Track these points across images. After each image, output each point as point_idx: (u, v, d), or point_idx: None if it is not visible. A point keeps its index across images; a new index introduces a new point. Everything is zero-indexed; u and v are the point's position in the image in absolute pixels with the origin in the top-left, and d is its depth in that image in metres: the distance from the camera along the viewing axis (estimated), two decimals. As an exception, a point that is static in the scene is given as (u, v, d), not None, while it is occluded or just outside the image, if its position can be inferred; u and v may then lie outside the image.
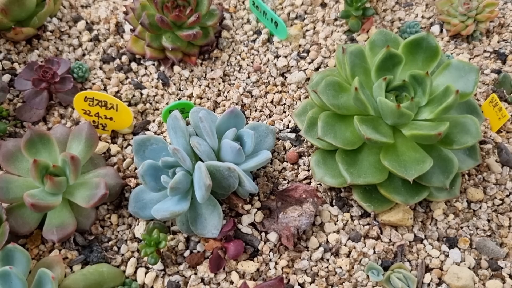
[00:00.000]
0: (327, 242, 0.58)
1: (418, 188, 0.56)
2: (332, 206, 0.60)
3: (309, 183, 0.61)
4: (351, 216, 0.60)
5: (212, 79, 0.70)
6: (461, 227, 0.59)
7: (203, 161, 0.54)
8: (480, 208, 0.61)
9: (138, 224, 0.59)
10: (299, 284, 0.56)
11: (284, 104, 0.68)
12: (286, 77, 0.70)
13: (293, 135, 0.65)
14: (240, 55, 0.72)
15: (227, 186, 0.54)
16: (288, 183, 0.61)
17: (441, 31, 0.75)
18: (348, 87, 0.58)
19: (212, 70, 0.71)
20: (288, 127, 0.66)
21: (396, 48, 0.59)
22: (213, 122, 0.58)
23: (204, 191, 0.51)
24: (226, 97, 0.69)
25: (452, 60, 0.58)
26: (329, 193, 0.61)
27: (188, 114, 0.60)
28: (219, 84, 0.70)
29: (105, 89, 0.68)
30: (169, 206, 0.53)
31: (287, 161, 0.63)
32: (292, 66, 0.71)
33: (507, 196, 0.61)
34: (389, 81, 0.56)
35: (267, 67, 0.71)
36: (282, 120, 0.66)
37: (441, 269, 0.57)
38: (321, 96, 0.56)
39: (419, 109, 0.57)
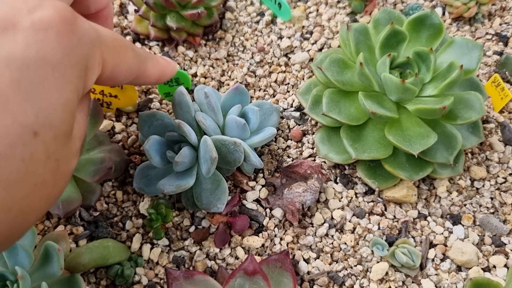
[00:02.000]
0: (332, 218, 0.58)
1: (422, 164, 0.57)
2: (337, 183, 0.61)
3: (314, 161, 0.62)
4: (356, 193, 0.60)
5: (216, 59, 0.70)
6: (465, 204, 0.60)
7: (208, 136, 0.54)
8: (483, 186, 0.61)
9: (143, 201, 0.59)
10: (304, 260, 0.56)
11: (288, 83, 0.68)
12: (289, 58, 0.70)
13: (297, 114, 0.65)
14: (244, 36, 0.72)
15: (233, 161, 0.54)
16: (292, 160, 0.62)
17: (443, 13, 0.75)
18: (352, 64, 0.58)
19: (216, 51, 0.71)
20: (292, 106, 0.66)
21: (400, 26, 0.59)
22: (218, 100, 0.59)
23: (210, 164, 0.51)
24: (230, 76, 0.69)
25: (456, 37, 0.59)
26: (333, 171, 0.61)
27: (185, 85, 0.61)
28: (223, 64, 0.70)
29: (109, 69, 0.69)
30: (174, 180, 0.54)
31: (291, 139, 0.63)
32: (295, 47, 0.71)
33: (510, 174, 0.62)
34: (393, 58, 0.57)
35: (271, 47, 0.71)
36: (286, 99, 0.67)
37: (445, 245, 0.57)
38: (326, 73, 0.56)
39: (423, 86, 0.57)
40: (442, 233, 0.58)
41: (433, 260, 0.56)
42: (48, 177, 0.32)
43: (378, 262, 0.56)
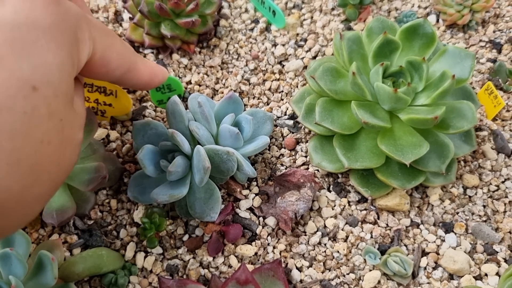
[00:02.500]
0: (325, 226, 0.58)
1: (415, 172, 0.57)
2: (330, 191, 0.61)
3: (307, 169, 0.62)
4: (349, 202, 0.60)
5: (211, 66, 0.70)
6: (457, 213, 0.60)
7: (202, 146, 0.54)
8: (475, 194, 0.61)
9: (137, 209, 0.59)
10: (297, 268, 0.56)
11: (282, 91, 0.68)
12: (283, 65, 0.71)
13: (290, 122, 0.65)
14: (238, 43, 0.73)
15: (226, 170, 0.54)
16: (285, 169, 0.62)
17: (438, 21, 0.76)
18: (345, 73, 0.59)
19: (210, 58, 0.71)
20: (286, 114, 0.66)
21: (393, 35, 0.59)
22: (211, 109, 0.59)
23: (203, 173, 0.52)
24: (224, 84, 0.69)
25: (449, 46, 0.59)
26: (326, 179, 0.62)
27: (177, 92, 0.62)
28: (217, 71, 0.70)
29: (104, 77, 0.69)
30: (168, 189, 0.54)
31: (284, 148, 0.64)
32: (289, 55, 0.71)
33: (502, 182, 0.62)
34: (386, 67, 0.57)
35: (265, 55, 0.71)
36: (280, 107, 0.67)
37: (437, 253, 0.57)
38: (319, 82, 0.56)
39: (416, 95, 0.57)
40: (435, 241, 0.58)
41: (425, 268, 0.56)
42: (54, 137, 0.33)
43: (370, 270, 0.56)
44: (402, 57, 0.58)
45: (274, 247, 0.57)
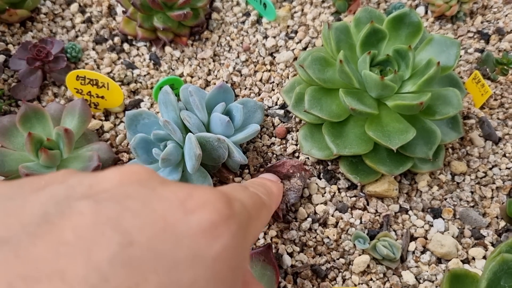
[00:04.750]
0: (315, 213, 0.60)
1: (403, 159, 0.58)
2: (320, 179, 0.62)
3: (297, 157, 0.63)
4: (338, 188, 0.61)
5: (203, 59, 0.71)
6: (445, 198, 0.61)
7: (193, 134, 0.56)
8: (463, 180, 0.62)
9: (130, 198, 0.60)
10: (288, 254, 0.57)
11: (273, 82, 0.70)
12: (274, 57, 0.72)
13: (281, 112, 0.66)
14: (229, 36, 0.74)
15: (217, 157, 0.55)
16: (276, 157, 0.63)
17: (426, 12, 0.77)
18: (333, 62, 0.60)
19: (202, 51, 0.72)
20: (276, 104, 0.68)
21: (381, 24, 0.60)
22: (202, 98, 0.60)
23: (194, 160, 0.53)
24: (216, 75, 0.70)
25: (435, 35, 0.60)
26: (316, 167, 0.63)
27: (178, 91, 0.62)
28: (210, 63, 0.71)
29: (98, 69, 0.70)
30: (160, 177, 0.55)
31: (275, 136, 0.65)
32: (280, 46, 0.72)
33: (490, 169, 0.63)
34: (374, 55, 0.58)
35: (256, 47, 0.72)
36: (270, 97, 0.68)
37: (426, 238, 0.58)
38: (308, 70, 0.58)
39: (403, 83, 0.58)
40: (423, 227, 0.59)
41: (413, 252, 0.57)
42: None
43: (360, 255, 0.57)
44: (389, 46, 0.59)
45: (265, 233, 0.58)
